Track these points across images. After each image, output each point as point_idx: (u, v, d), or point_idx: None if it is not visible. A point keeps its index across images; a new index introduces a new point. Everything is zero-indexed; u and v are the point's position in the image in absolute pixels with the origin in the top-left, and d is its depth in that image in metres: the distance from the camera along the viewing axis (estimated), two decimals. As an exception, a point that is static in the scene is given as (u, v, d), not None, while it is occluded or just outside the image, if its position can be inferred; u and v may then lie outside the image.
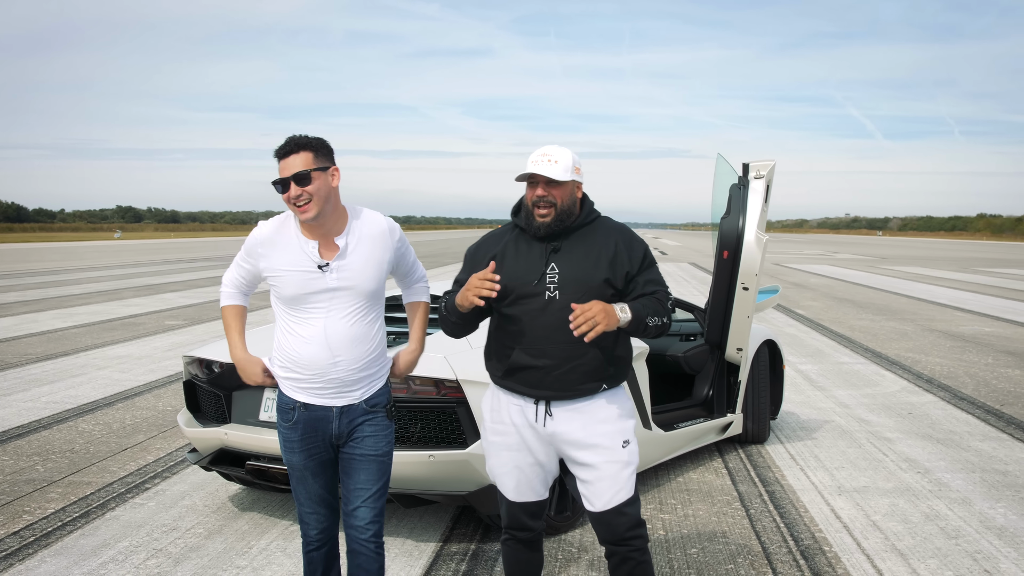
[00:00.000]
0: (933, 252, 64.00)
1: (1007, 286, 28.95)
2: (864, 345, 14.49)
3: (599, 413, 3.84)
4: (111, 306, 19.71)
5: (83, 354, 12.71)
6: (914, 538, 5.64)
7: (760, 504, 6.29)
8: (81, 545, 5.39)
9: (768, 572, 5.09)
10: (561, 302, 3.75)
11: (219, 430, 5.58)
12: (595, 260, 3.81)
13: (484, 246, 4.02)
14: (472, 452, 5.13)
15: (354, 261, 3.73)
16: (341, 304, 3.71)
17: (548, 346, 3.78)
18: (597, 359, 3.79)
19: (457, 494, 5.24)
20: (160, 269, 34.06)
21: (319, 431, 3.78)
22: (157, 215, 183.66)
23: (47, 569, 5.02)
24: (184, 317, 17.52)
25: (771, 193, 7.02)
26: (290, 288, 3.70)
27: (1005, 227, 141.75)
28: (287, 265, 3.70)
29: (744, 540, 5.59)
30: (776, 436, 8.20)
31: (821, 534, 5.71)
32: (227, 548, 5.37)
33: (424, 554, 5.31)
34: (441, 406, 5.17)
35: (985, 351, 13.95)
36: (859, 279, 31.92)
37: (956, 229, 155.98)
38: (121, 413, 8.87)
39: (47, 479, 6.68)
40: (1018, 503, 6.34)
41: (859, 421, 8.89)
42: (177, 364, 11.80)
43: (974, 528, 5.83)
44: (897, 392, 10.47)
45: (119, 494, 6.35)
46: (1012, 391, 10.58)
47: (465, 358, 5.34)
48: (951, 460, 7.45)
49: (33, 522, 5.78)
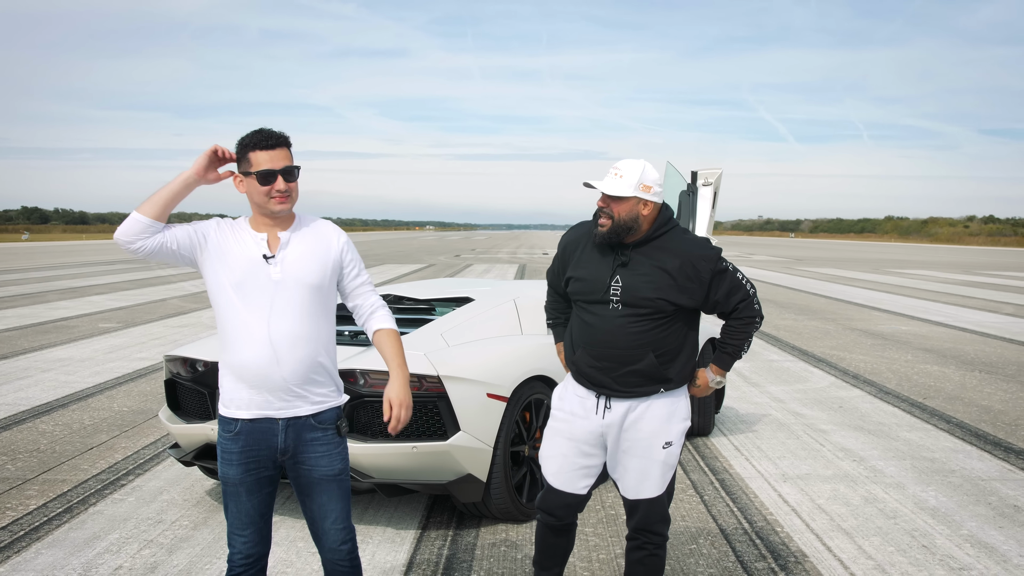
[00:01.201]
0: (845, 254, 65.63)
1: (918, 286, 30.01)
2: (790, 344, 15.07)
3: (651, 411, 4.09)
4: (37, 309, 19.54)
5: (22, 357, 12.70)
6: (856, 519, 6.08)
7: (712, 491, 6.69)
8: (72, 538, 5.59)
9: (728, 551, 5.48)
10: (622, 312, 4.01)
11: (205, 426, 5.81)
12: (656, 279, 3.99)
13: (572, 242, 4.28)
14: (452, 443, 5.44)
15: (295, 252, 3.62)
16: (284, 299, 3.56)
17: (608, 351, 4.05)
18: (653, 365, 4.03)
19: (438, 483, 5.53)
20: (79, 272, 33.61)
21: (262, 444, 3.59)
22: (65, 216, 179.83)
23: (44, 560, 5.22)
24: (117, 320, 17.47)
25: (719, 199, 7.42)
26: (235, 272, 3.55)
27: (912, 229, 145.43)
28: (235, 247, 3.59)
29: (702, 523, 5.98)
30: (720, 429, 8.63)
31: (772, 516, 6.12)
32: (215, 538, 5.61)
33: (406, 541, 5.60)
34: (423, 400, 5.46)
35: (904, 348, 14.61)
36: (778, 280, 32.77)
37: (865, 231, 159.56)
38: (77, 414, 8.98)
39: (21, 477, 6.82)
40: (947, 487, 6.82)
41: (794, 415, 9.36)
42: (122, 366, 11.89)
43: (909, 509, 6.29)
44: (826, 387, 11.00)
45: (97, 490, 6.53)
46: (932, 385, 11.17)
47: (445, 355, 5.65)
48: (883, 449, 7.94)
49: (18, 518, 5.95)
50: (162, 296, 22.97)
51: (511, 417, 5.79)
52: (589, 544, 5.57)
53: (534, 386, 6.02)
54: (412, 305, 7.15)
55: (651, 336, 4.01)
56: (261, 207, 3.61)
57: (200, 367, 5.97)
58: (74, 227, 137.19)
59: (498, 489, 5.73)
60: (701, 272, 4.02)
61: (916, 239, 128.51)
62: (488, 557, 5.33)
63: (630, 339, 4.00)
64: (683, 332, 4.11)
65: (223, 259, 3.57)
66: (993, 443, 8.20)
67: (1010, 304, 23.42)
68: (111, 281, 28.48)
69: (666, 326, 4.03)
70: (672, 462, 4.13)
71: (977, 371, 12.38)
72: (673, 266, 4.01)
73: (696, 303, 4.06)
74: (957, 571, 5.18)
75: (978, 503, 6.44)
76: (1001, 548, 5.55)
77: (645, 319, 4.00)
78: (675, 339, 4.07)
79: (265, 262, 3.56)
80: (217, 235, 3.61)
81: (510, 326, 6.55)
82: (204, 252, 3.60)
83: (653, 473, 4.09)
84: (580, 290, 4.14)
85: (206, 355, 5.97)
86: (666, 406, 4.11)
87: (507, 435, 5.75)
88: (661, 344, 4.03)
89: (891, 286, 30.12)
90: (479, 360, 5.80)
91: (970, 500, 6.51)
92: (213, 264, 3.58)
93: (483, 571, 5.12)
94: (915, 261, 53.22)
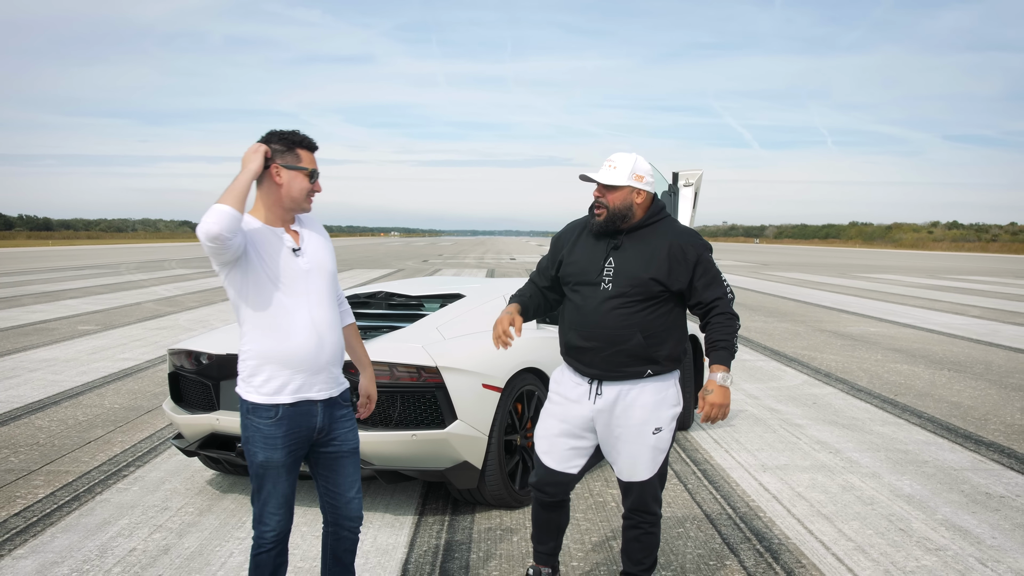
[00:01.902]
0: (810, 259, 66.35)
1: (884, 290, 30.49)
2: (762, 344, 15.39)
3: (641, 398, 4.28)
4: (15, 312, 19.60)
5: (8, 358, 12.81)
6: (835, 505, 6.35)
7: (696, 480, 6.95)
8: (85, 523, 5.78)
9: (714, 533, 5.74)
10: (612, 292, 4.23)
11: (210, 416, 6.01)
12: (647, 260, 4.24)
13: (564, 235, 4.54)
14: (450, 432, 5.67)
15: (313, 244, 3.84)
16: (316, 287, 3.79)
17: (598, 331, 4.25)
18: (640, 346, 4.23)
19: (435, 470, 5.76)
20: (50, 277, 33.56)
21: (304, 426, 3.78)
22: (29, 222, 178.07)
23: (61, 543, 5.41)
24: (95, 322, 17.56)
25: (699, 199, 7.69)
26: (273, 266, 3.71)
27: (876, 235, 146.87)
28: (264, 242, 3.72)
29: (688, 509, 6.24)
30: (698, 423, 8.91)
31: (755, 503, 6.39)
32: (222, 524, 5.81)
33: (405, 525, 5.82)
34: (422, 390, 5.69)
35: (873, 348, 14.97)
36: (746, 284, 33.19)
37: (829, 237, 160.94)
38: (71, 411, 9.14)
39: (25, 468, 6.99)
40: (921, 476, 7.12)
41: (770, 410, 9.65)
42: (106, 366, 12.03)
43: (886, 496, 6.57)
44: (799, 385, 11.30)
45: (100, 480, 6.71)
46: (903, 383, 11.51)
47: (442, 347, 5.88)
48: (857, 442, 8.24)
49: (29, 505, 6.13)
50: (136, 300, 23.05)
51: (505, 407, 6.02)
52: (581, 528, 5.80)
53: (526, 378, 6.26)
54: (403, 301, 7.38)
55: (639, 318, 4.22)
56: (294, 201, 3.78)
57: (204, 360, 6.16)
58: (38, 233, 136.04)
59: (493, 476, 5.96)
60: (688, 254, 4.26)
61: (880, 244, 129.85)
62: (485, 540, 5.56)
63: (619, 319, 4.21)
64: (670, 317, 4.31)
65: (259, 254, 3.69)
66: (964, 436, 8.51)
67: (976, 307, 23.89)
68: (83, 286, 28.49)
69: (654, 309, 4.24)
70: (663, 447, 4.33)
71: (946, 370, 12.73)
72: (663, 248, 4.25)
73: (682, 285, 4.27)
74: (933, 551, 5.45)
75: (951, 491, 6.73)
76: (975, 531, 5.84)
77: (634, 301, 4.21)
78: (662, 322, 4.27)
79: (294, 255, 3.76)
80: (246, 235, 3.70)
81: (502, 321, 6.79)
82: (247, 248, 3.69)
83: (644, 458, 4.30)
84: (573, 272, 4.37)
85: (210, 348, 6.16)
86: (655, 392, 4.29)
87: (501, 424, 5.98)
88: (649, 326, 4.23)
89: (858, 290, 30.60)
90: (474, 352, 6.03)
91: (943, 488, 6.80)
92: (252, 260, 3.69)
93: (481, 552, 5.34)
94: (880, 266, 53.90)
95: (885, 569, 5.15)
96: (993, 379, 11.97)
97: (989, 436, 8.52)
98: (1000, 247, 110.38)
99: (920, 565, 5.22)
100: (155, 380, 11.03)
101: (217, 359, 6.07)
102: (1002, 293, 30.08)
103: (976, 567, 5.21)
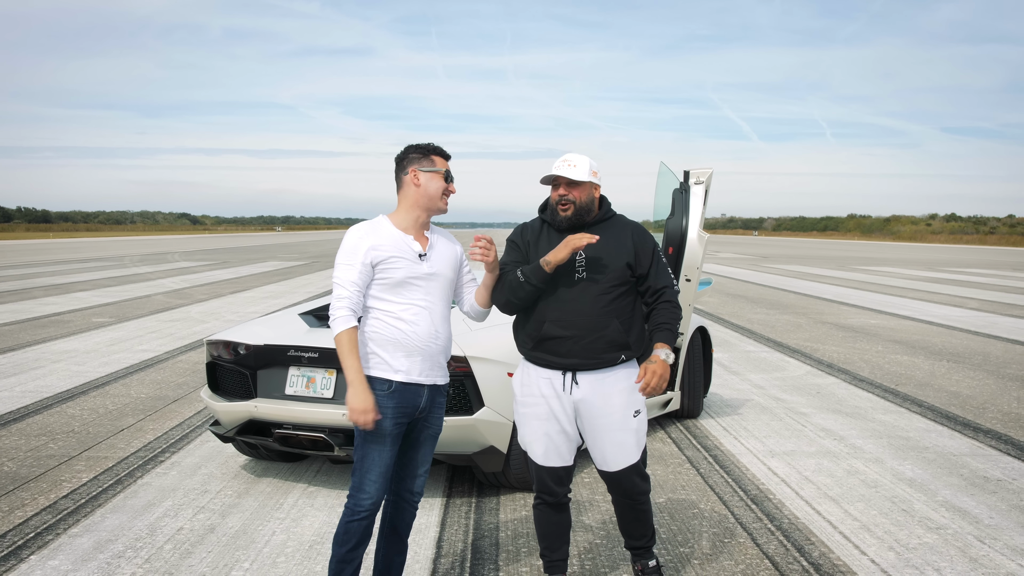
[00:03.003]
0: (810, 251, 66.69)
1: (884, 282, 30.84)
2: (765, 336, 15.72)
3: (618, 384, 4.53)
4: (28, 305, 19.89)
5: (29, 349, 13.12)
6: (841, 488, 6.68)
7: (707, 465, 7.28)
8: (131, 504, 6.11)
9: (727, 514, 6.07)
10: (588, 281, 4.50)
11: (248, 404, 6.32)
12: (616, 247, 4.55)
13: (523, 235, 4.74)
14: (478, 418, 5.99)
15: (438, 251, 4.35)
16: (435, 288, 4.29)
17: (576, 318, 4.49)
18: (618, 330, 4.52)
19: (464, 454, 6.09)
20: (57, 269, 33.84)
21: (410, 403, 4.21)
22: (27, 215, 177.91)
23: (111, 523, 5.75)
24: (109, 315, 17.87)
25: (709, 196, 8.00)
26: (399, 273, 4.19)
27: (874, 227, 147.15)
28: (393, 250, 4.21)
29: (701, 492, 6.56)
30: (707, 412, 9.24)
31: (764, 486, 6.71)
32: (260, 505, 6.13)
33: (435, 507, 6.15)
34: (452, 379, 6.01)
35: (874, 340, 15.30)
36: (746, 277, 33.54)
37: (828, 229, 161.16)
38: (99, 400, 9.46)
39: (66, 455, 7.31)
40: (922, 461, 7.44)
41: (775, 400, 9.98)
42: (127, 357, 12.35)
43: (889, 480, 6.90)
44: (803, 375, 11.63)
45: (139, 466, 7.04)
46: (903, 373, 11.84)
47: (470, 338, 6.20)
48: (860, 429, 8.57)
49: (75, 488, 6.45)
50: (145, 292, 23.36)
51: (528, 395, 6.34)
52: (601, 510, 6.13)
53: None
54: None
55: (615, 305, 4.50)
56: (431, 201, 4.31)
57: (242, 350, 6.47)
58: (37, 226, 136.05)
59: (517, 460, 6.29)
60: (647, 242, 4.65)
61: (879, 237, 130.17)
62: (511, 520, 5.89)
63: (596, 306, 4.45)
64: (635, 303, 4.62)
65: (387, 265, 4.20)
66: (963, 424, 8.84)
67: (974, 299, 24.23)
68: (91, 278, 28.80)
69: (624, 295, 4.54)
70: (644, 428, 4.61)
71: (945, 360, 13.07)
72: (627, 237, 4.61)
73: (643, 271, 4.61)
74: (935, 530, 5.78)
75: (951, 475, 7.06)
76: (973, 511, 6.17)
77: (608, 289, 4.50)
78: (630, 308, 4.58)
79: (420, 260, 4.26)
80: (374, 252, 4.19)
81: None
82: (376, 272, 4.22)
83: (630, 441, 4.54)
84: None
85: (247, 339, 6.47)
86: (628, 377, 4.52)
87: (525, 411, 6.30)
88: (622, 312, 4.53)
89: (858, 282, 30.95)
90: (499, 343, 6.33)
91: (944, 472, 7.12)
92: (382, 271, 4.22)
93: (509, 532, 5.67)
94: (879, 258, 54.24)
95: (889, 546, 5.48)
96: (991, 369, 12.30)
97: (987, 424, 8.85)
98: (998, 239, 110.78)
99: (922, 542, 5.55)
100: (177, 371, 11.35)
101: (254, 349, 6.38)
102: (1000, 286, 30.44)
103: (975, 544, 5.54)
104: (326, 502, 6.21)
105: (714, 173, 7.99)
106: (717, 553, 5.38)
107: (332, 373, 6.15)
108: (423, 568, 5.11)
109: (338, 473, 6.86)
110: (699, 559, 5.28)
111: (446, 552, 5.35)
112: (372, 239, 4.21)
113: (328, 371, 6.16)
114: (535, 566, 5.13)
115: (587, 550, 5.41)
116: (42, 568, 5.02)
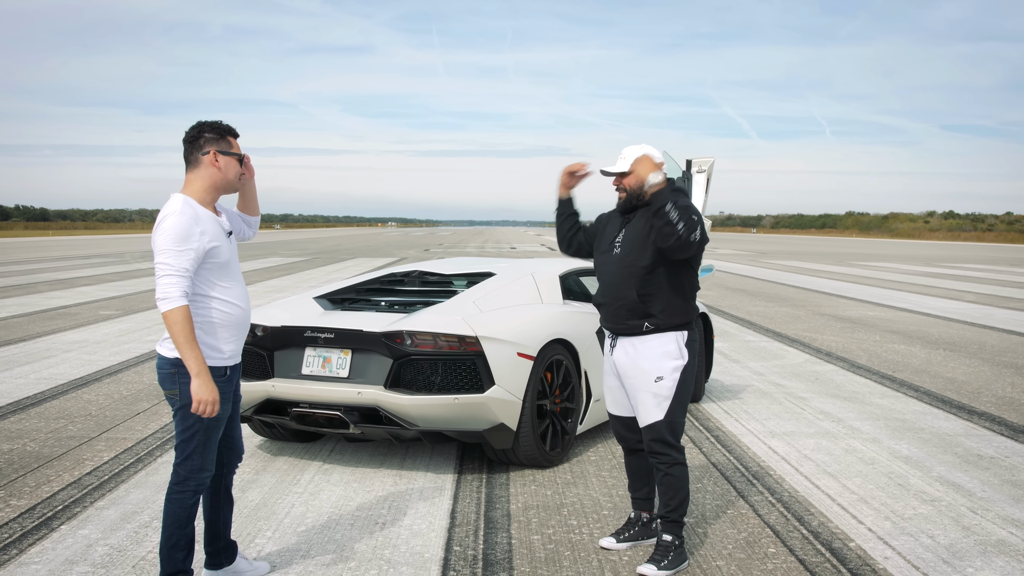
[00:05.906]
0: (808, 248, 66.94)
1: (881, 277, 31.07)
2: (764, 327, 15.95)
3: (644, 351, 4.99)
4: (35, 298, 20.08)
5: (39, 340, 13.33)
6: (839, 465, 6.91)
7: (710, 444, 7.50)
8: (153, 480, 6.33)
9: (730, 488, 6.30)
10: (620, 255, 5.05)
11: (266, 383, 6.53)
12: (646, 228, 4.96)
13: (603, 217, 5.38)
14: (489, 396, 6.21)
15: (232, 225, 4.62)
16: (237, 262, 4.49)
17: (609, 289, 5.10)
18: (635, 300, 4.96)
19: (475, 431, 6.30)
20: (59, 265, 34.01)
21: (235, 381, 4.47)
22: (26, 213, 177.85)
23: (135, 497, 5.97)
24: (115, 308, 18.07)
25: (711, 185, 8.21)
26: (223, 255, 4.30)
27: (872, 224, 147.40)
28: (214, 236, 4.27)
29: (704, 468, 6.79)
30: (708, 396, 9.46)
31: (765, 463, 6.94)
32: (279, 481, 6.35)
33: (447, 483, 6.37)
34: (463, 358, 6.22)
35: (872, 330, 15.52)
36: (745, 271, 33.75)
37: (826, 227, 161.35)
38: (113, 387, 9.67)
39: (85, 436, 7.53)
40: (918, 441, 7.67)
41: (775, 385, 10.21)
42: (137, 347, 12.56)
43: (885, 458, 7.12)
44: (802, 363, 11.85)
45: (158, 445, 7.26)
46: (900, 361, 12.07)
47: (480, 319, 6.42)
48: (858, 412, 8.79)
49: (98, 466, 6.67)
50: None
51: (537, 374, 6.57)
52: (608, 484, 6.35)
53: (555, 348, 6.80)
54: (437, 279, 7.97)
55: (637, 277, 4.96)
56: (229, 184, 4.43)
57: (259, 332, 6.67)
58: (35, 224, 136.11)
59: (526, 437, 6.50)
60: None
61: (877, 234, 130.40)
62: (521, 493, 6.11)
63: (622, 278, 4.99)
64: (664, 278, 4.98)
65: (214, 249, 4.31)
66: (958, 407, 9.07)
67: (971, 293, 24.46)
68: (94, 274, 28.98)
69: (649, 269, 4.95)
70: (666, 393, 4.96)
71: (941, 349, 13.29)
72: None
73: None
74: (929, 502, 6.01)
75: (946, 453, 7.28)
76: (967, 486, 6.39)
77: (633, 263, 4.97)
78: (656, 283, 4.97)
79: (228, 237, 4.44)
80: (204, 236, 4.24)
81: (531, 296, 7.33)
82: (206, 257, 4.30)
83: (650, 403, 4.97)
84: (600, 242, 5.25)
85: (265, 321, 6.68)
86: (658, 347, 4.97)
87: (534, 390, 6.52)
88: (645, 285, 4.96)
89: (855, 277, 31.18)
90: (509, 324, 6.56)
91: (939, 450, 7.35)
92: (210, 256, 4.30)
93: (520, 504, 5.89)
94: (877, 254, 54.49)
95: (886, 516, 5.71)
96: (986, 357, 12.53)
97: (981, 407, 9.07)
98: (996, 236, 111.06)
99: (917, 513, 5.78)
100: (187, 359, 11.52)
101: (272, 331, 6.59)
102: (997, 280, 30.66)
103: (967, 514, 5.77)
104: (342, 478, 6.43)
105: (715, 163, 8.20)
106: (720, 522, 5.60)
107: (347, 353, 6.36)
108: (439, 536, 5.32)
109: (352, 451, 7.07)
110: (702, 528, 5.51)
111: (460, 522, 5.56)
112: (201, 224, 4.22)
113: (344, 351, 6.37)
114: (546, 534, 5.35)
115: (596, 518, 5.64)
116: (73, 536, 5.24)
